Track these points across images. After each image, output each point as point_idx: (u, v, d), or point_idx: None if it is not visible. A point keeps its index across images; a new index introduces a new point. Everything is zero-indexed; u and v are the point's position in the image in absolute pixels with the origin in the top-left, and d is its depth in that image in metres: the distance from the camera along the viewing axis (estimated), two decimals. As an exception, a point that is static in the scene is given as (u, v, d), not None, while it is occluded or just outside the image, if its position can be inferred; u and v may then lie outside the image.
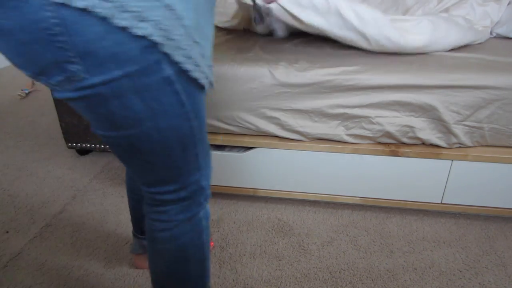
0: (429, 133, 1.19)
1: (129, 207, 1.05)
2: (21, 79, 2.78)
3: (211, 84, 0.65)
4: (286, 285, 1.09)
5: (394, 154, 1.23)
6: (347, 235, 1.27)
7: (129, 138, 0.61)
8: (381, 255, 1.18)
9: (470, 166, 1.21)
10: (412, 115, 1.17)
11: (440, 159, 1.21)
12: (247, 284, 1.09)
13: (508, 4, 1.49)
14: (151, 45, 0.52)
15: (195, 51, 0.57)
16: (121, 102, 0.55)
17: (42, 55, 0.50)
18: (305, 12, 1.17)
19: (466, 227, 1.30)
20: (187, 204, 0.72)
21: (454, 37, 1.27)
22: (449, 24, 1.28)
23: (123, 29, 0.49)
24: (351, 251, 1.20)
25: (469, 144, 1.20)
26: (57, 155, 1.78)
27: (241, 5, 1.44)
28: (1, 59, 3.11)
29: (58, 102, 1.56)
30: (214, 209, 1.39)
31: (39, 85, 2.65)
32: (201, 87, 0.63)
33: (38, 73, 0.53)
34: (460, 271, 1.12)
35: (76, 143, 1.66)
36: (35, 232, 1.31)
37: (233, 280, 1.11)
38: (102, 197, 1.48)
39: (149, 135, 0.60)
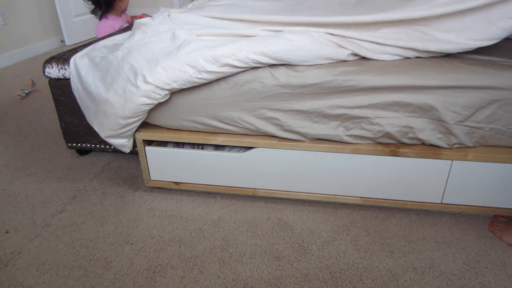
0: (429, 134, 1.19)
1: None
2: (21, 79, 2.78)
3: None
4: (286, 285, 1.09)
5: (394, 154, 1.23)
6: (347, 235, 1.27)
7: None
8: (381, 255, 1.18)
9: (470, 166, 1.21)
10: (412, 116, 1.17)
11: (440, 159, 1.21)
12: (247, 284, 1.09)
13: None
14: None
15: None
16: None
17: None
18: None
19: (466, 227, 1.30)
20: None
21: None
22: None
23: None
24: (351, 251, 1.20)
25: (470, 144, 1.20)
26: (57, 155, 1.78)
27: None
28: (1, 59, 3.10)
29: (58, 102, 1.56)
30: (214, 209, 1.40)
31: (39, 85, 2.65)
32: None
33: None
34: (460, 271, 1.12)
35: (76, 143, 1.66)
36: (35, 232, 1.31)
37: (233, 280, 1.11)
38: (102, 197, 1.48)
39: None
